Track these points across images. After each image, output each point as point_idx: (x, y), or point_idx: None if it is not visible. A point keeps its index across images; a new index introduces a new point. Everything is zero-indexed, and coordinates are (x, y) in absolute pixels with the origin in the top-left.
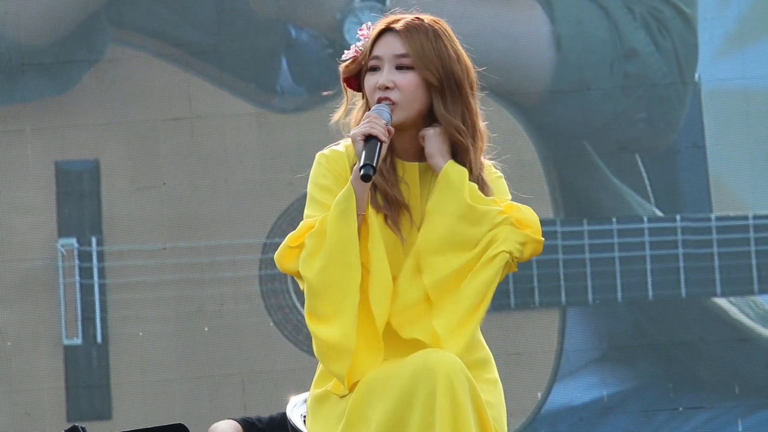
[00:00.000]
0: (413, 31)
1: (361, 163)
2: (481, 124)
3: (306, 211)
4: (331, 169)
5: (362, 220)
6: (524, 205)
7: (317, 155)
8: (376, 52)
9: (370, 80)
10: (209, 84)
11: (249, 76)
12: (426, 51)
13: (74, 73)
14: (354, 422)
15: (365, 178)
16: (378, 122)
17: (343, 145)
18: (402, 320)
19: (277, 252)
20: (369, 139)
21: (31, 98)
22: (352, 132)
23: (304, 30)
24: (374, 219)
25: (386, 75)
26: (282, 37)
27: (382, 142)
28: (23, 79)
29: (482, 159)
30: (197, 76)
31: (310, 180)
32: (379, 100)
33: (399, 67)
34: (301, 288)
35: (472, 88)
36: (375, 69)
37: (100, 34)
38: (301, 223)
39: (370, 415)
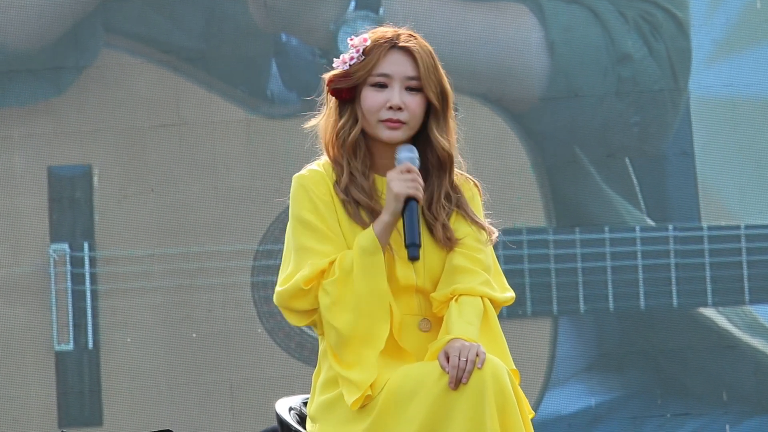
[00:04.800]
0: (420, 52)
1: (407, 242)
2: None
3: (302, 240)
4: (316, 191)
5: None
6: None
7: (296, 178)
8: (385, 69)
9: (376, 97)
10: (199, 90)
11: (238, 82)
12: (430, 73)
13: (63, 79)
14: (385, 421)
15: (413, 260)
16: (420, 181)
17: (317, 164)
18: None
19: (282, 291)
20: (408, 200)
21: (19, 104)
22: (396, 189)
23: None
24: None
25: (399, 96)
26: (272, 42)
27: (418, 202)
28: (11, 84)
29: (457, 170)
30: (186, 82)
31: (295, 204)
32: (389, 121)
33: (408, 89)
34: (304, 324)
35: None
36: (381, 86)
37: (89, 40)
38: (310, 264)
39: (405, 413)
